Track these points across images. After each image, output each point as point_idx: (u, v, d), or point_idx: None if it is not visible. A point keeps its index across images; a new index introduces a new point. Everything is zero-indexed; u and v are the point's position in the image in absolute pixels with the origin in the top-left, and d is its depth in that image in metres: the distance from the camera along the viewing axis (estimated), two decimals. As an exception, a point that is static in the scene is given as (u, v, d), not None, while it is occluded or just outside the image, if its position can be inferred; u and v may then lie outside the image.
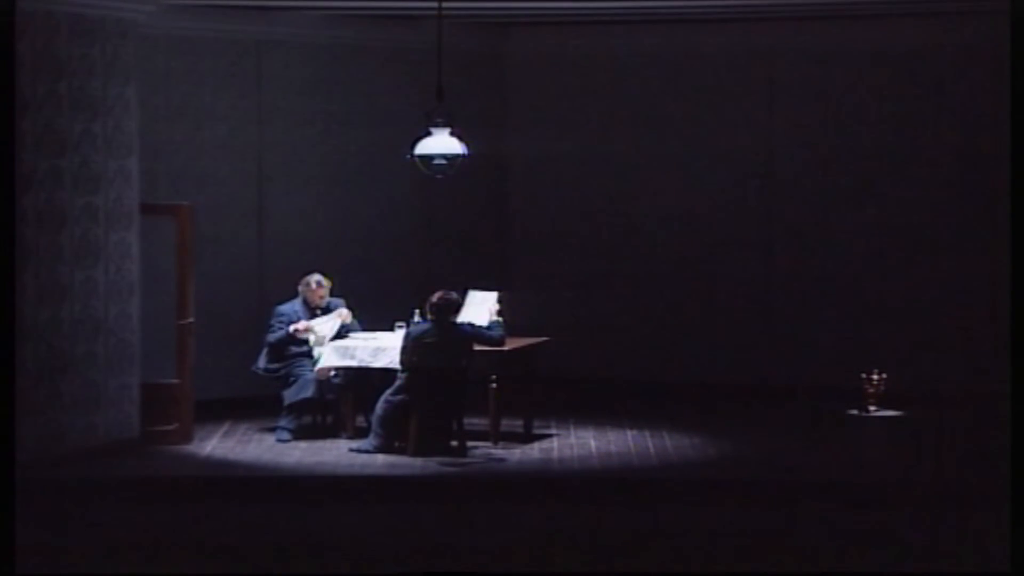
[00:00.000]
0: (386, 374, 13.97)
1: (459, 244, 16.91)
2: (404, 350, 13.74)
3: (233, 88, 15.97)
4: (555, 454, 13.90)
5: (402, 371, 13.79)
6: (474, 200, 16.97)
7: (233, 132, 15.98)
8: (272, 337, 14.47)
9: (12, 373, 11.05)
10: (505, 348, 14.04)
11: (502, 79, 17.40)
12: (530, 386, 14.51)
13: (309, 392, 14.27)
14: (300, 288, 14.63)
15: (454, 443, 13.80)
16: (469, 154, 13.45)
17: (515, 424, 14.48)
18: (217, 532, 11.73)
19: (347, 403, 14.38)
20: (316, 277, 14.64)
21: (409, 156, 13.49)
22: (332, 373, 14.28)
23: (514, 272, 17.05)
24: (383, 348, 14.11)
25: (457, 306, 13.89)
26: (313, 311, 14.59)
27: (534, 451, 14.01)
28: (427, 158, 13.42)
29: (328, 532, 11.72)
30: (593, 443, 14.33)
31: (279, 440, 14.22)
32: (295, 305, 14.61)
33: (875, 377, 15.09)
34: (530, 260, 17.30)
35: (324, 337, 14.38)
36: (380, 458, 13.65)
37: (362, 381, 14.22)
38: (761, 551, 11.17)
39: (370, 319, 14.78)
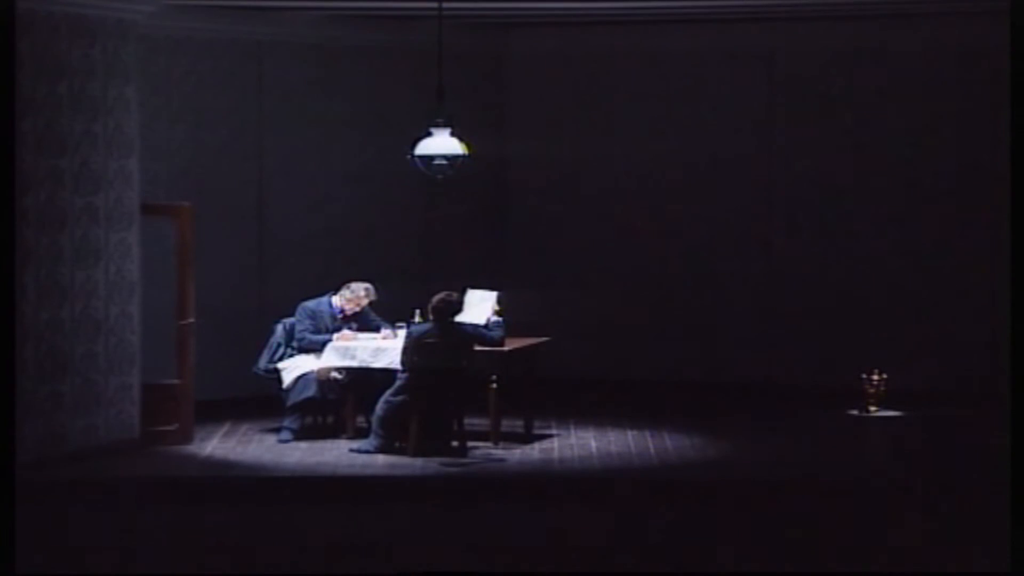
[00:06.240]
0: (387, 374, 13.98)
1: (459, 244, 16.91)
2: (405, 350, 13.74)
3: (233, 88, 15.98)
4: (555, 454, 13.89)
5: (403, 371, 13.79)
6: (474, 200, 16.97)
7: (233, 132, 15.99)
8: (311, 339, 14.31)
9: (12, 373, 11.05)
10: (505, 348, 14.03)
11: (502, 79, 17.40)
12: (530, 386, 14.50)
13: (311, 391, 14.26)
14: (346, 293, 14.52)
15: (454, 443, 13.80)
16: (469, 154, 13.45)
17: (515, 424, 14.47)
18: (217, 532, 11.73)
19: (348, 403, 14.38)
20: (367, 286, 14.58)
21: (410, 156, 13.50)
22: (335, 373, 14.27)
23: (514, 272, 17.04)
24: (384, 348, 14.11)
25: (457, 307, 13.89)
26: (340, 312, 14.53)
27: (534, 451, 14.01)
28: (427, 158, 13.43)
29: (328, 532, 11.72)
30: (593, 443, 14.32)
31: (281, 440, 14.22)
32: (322, 304, 14.55)
33: (875, 377, 15.12)
34: (530, 260, 17.30)
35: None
36: (380, 458, 13.64)
37: (363, 381, 14.21)
38: (761, 551, 11.17)
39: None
